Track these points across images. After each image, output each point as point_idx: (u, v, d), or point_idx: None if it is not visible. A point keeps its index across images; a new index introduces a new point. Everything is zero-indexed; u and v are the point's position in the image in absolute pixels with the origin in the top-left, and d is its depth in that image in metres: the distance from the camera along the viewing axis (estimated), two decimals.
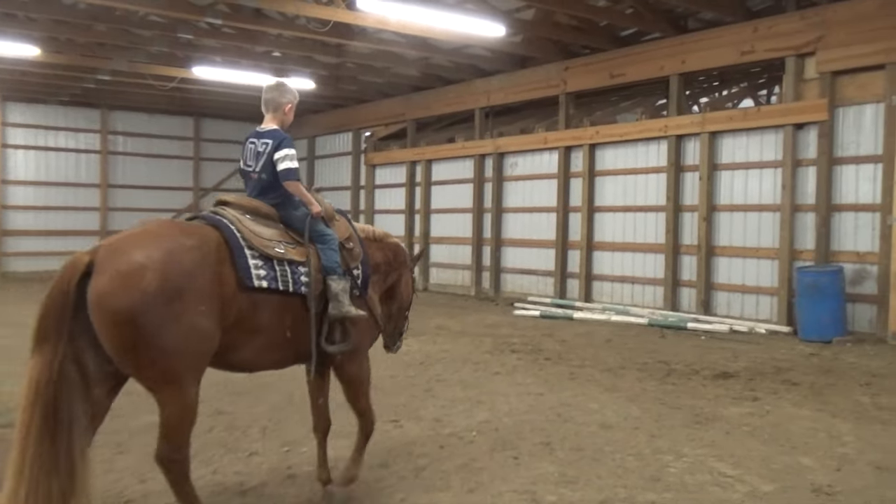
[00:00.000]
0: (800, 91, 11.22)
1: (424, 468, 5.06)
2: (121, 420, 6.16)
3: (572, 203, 14.73)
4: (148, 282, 3.36)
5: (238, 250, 3.82)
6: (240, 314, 3.78)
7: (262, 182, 4.29)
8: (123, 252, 3.44)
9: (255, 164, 4.31)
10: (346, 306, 4.17)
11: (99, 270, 3.36)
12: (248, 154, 4.35)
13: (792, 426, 6.15)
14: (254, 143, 4.35)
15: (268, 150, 4.25)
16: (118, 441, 5.59)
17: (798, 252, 11.21)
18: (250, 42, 14.68)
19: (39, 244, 20.48)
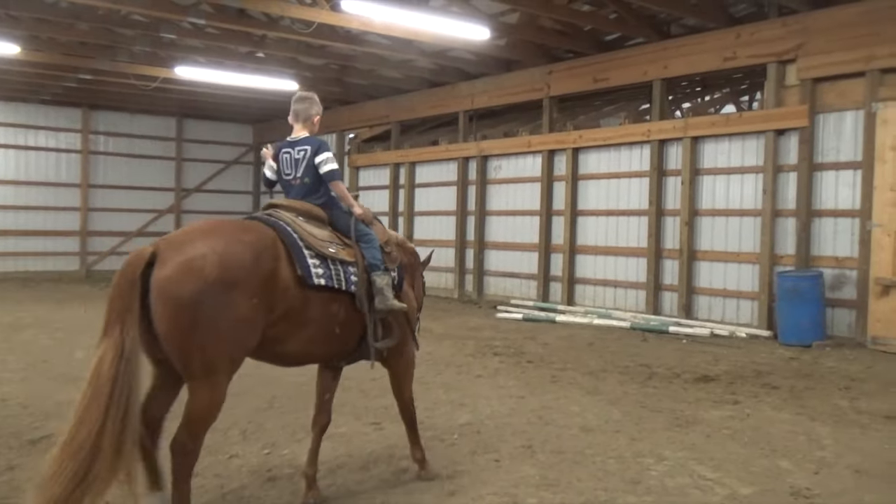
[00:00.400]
0: (781, 97, 11.31)
1: (406, 471, 5.04)
2: None
3: (555, 206, 14.76)
4: (208, 272, 3.60)
5: (297, 250, 4.08)
6: (289, 309, 3.99)
7: (305, 186, 4.58)
8: (186, 244, 3.70)
9: (294, 172, 4.60)
10: (391, 300, 4.46)
11: (162, 261, 3.62)
12: (286, 163, 4.63)
13: (771, 429, 6.18)
14: (289, 153, 4.63)
15: (307, 157, 4.55)
16: None
17: (778, 257, 11.29)
18: (234, 42, 14.61)
19: (19, 244, 20.28)
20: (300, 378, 7.88)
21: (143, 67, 15.98)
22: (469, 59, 15.39)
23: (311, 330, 4.18)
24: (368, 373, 8.10)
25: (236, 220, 4.21)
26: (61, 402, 6.75)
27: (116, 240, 21.68)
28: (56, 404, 6.66)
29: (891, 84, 10.05)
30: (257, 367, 8.46)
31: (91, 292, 17.11)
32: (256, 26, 13.53)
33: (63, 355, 9.08)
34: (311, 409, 5.07)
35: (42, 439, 5.59)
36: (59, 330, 11.11)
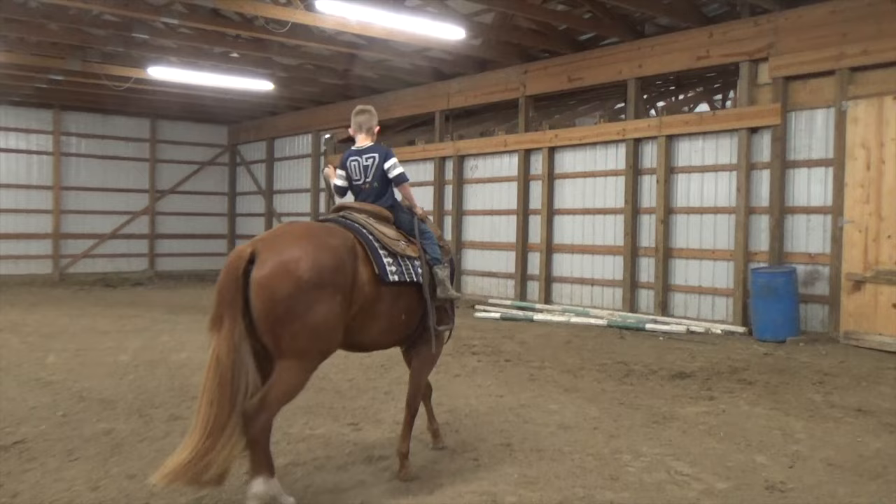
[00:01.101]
0: (754, 96, 11.42)
1: (384, 471, 5.02)
2: (71, 427, 6.04)
3: (532, 206, 14.81)
4: (301, 273, 4.09)
5: (374, 251, 4.59)
6: (365, 303, 4.48)
7: (374, 190, 5.08)
8: (281, 247, 4.19)
9: (363, 177, 5.10)
10: (451, 290, 5.05)
11: (261, 261, 4.11)
12: (355, 170, 5.13)
13: (747, 424, 6.24)
14: (357, 161, 5.13)
15: (376, 163, 5.05)
16: (69, 448, 5.45)
17: (752, 254, 11.41)
18: (207, 43, 14.49)
19: None
20: None
21: (115, 68, 15.80)
22: (445, 58, 15.39)
23: (383, 320, 4.67)
24: (345, 374, 8.11)
25: (319, 223, 4.72)
26: (34, 406, 6.67)
27: (90, 242, 21.41)
28: (29, 409, 6.57)
29: (860, 82, 10.20)
30: None
31: (64, 295, 16.89)
32: (230, 26, 13.43)
33: (35, 360, 8.94)
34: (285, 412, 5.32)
35: (14, 445, 5.50)
36: (31, 334, 10.95)
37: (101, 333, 11.09)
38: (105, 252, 21.73)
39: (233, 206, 24.38)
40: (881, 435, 5.95)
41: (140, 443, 5.62)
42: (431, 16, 12.06)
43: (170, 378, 7.94)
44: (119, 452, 5.38)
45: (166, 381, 7.77)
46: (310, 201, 20.60)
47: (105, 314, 13.37)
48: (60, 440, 5.67)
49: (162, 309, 14.31)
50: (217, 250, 24.02)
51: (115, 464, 5.13)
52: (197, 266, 23.13)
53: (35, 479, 4.85)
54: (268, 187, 22.63)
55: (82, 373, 8.18)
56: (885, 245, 9.89)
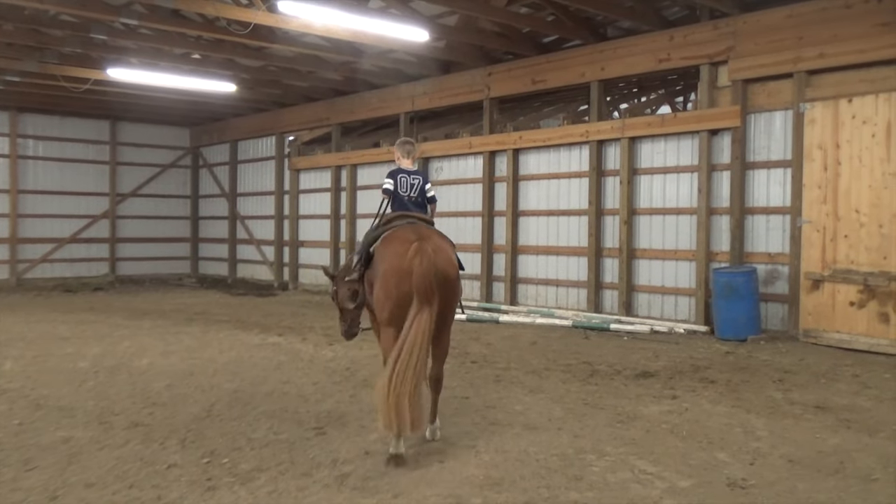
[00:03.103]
0: (714, 98, 11.59)
1: (349, 475, 4.99)
2: (28, 435, 5.91)
3: (497, 207, 14.85)
4: (455, 264, 5.83)
5: (454, 248, 6.03)
6: None
7: (415, 202, 6.39)
8: (441, 247, 5.68)
9: (409, 191, 6.36)
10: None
11: (438, 258, 5.45)
12: (404, 184, 6.35)
13: (709, 422, 6.32)
14: (406, 178, 6.39)
15: (420, 184, 6.40)
16: (26, 458, 5.33)
17: (714, 254, 11.57)
18: (168, 44, 14.30)
19: None
20: (238, 385, 7.78)
21: (73, 69, 15.51)
22: (409, 60, 15.37)
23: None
24: (309, 378, 8.06)
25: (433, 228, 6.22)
26: None
27: (48, 247, 20.98)
28: None
29: (817, 85, 10.40)
30: (191, 374, 8.35)
31: (22, 301, 16.53)
32: (191, 27, 13.28)
33: None
34: (248, 418, 6.20)
35: None
36: None
37: (60, 339, 10.87)
38: (64, 257, 21.31)
39: (195, 210, 24.07)
40: (839, 431, 6.07)
41: (100, 451, 5.51)
42: (395, 18, 12.05)
43: (131, 384, 7.81)
44: (78, 461, 5.28)
45: (127, 388, 7.64)
46: (274, 204, 20.42)
47: (64, 320, 13.11)
48: (17, 449, 5.54)
49: (123, 314, 14.07)
50: (179, 254, 23.72)
51: (74, 472, 5.03)
52: (159, 270, 22.82)
53: None
54: (231, 190, 22.39)
55: (40, 380, 8.01)
56: (842, 244, 10.10)
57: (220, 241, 22.81)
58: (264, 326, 12.21)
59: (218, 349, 10.09)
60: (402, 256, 5.41)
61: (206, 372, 8.48)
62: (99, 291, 19.08)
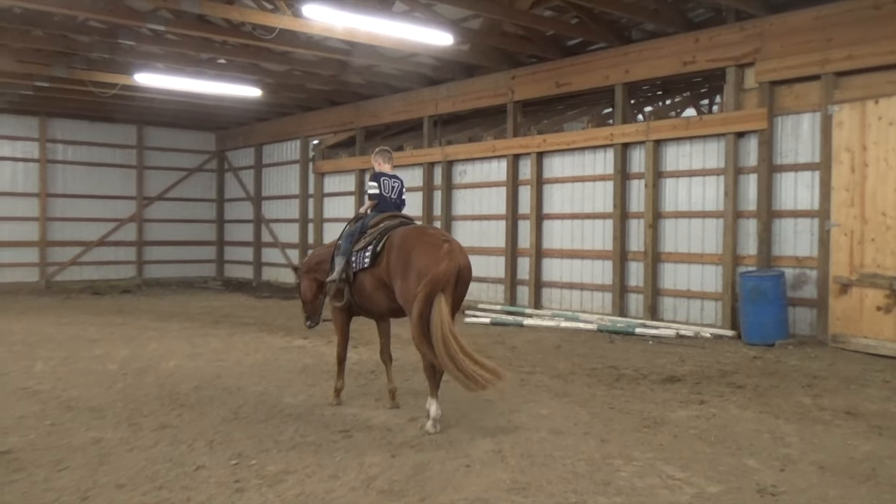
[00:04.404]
0: (740, 100, 11.49)
1: (375, 478, 5.00)
2: (59, 436, 5.99)
3: (521, 210, 14.83)
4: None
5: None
6: None
7: (398, 204, 7.20)
8: (460, 247, 6.36)
9: (391, 193, 7.15)
10: None
11: (461, 255, 6.26)
12: (387, 187, 7.11)
13: (737, 428, 6.26)
14: (388, 181, 7.16)
15: (400, 187, 7.23)
16: (57, 458, 5.40)
17: (741, 257, 11.46)
18: (194, 49, 14.45)
19: None
20: (264, 387, 7.83)
21: (101, 74, 15.71)
22: (433, 64, 15.41)
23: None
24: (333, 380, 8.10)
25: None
26: (22, 416, 6.62)
27: (77, 250, 21.27)
28: (16, 419, 6.51)
29: (845, 87, 10.28)
30: (218, 376, 8.42)
31: (51, 304, 16.77)
32: (217, 32, 13.41)
33: (22, 368, 8.87)
34: (275, 420, 6.43)
35: (2, 455, 5.45)
36: (17, 343, 10.85)
37: (89, 342, 11.01)
38: (92, 259, 21.59)
39: (221, 213, 24.27)
40: (871, 437, 5.99)
41: (129, 452, 5.57)
42: (419, 21, 12.07)
43: (159, 386, 7.89)
44: (108, 462, 5.34)
45: (155, 390, 7.72)
46: (298, 207, 20.53)
47: (93, 322, 13.28)
48: (48, 450, 5.62)
49: (150, 317, 14.23)
50: (205, 257, 23.92)
51: (105, 473, 5.09)
52: (185, 273, 23.03)
53: (23, 489, 4.80)
54: (256, 193, 22.55)
55: (70, 381, 8.12)
56: (869, 248, 9.96)
57: (245, 244, 22.98)
58: (289, 329, 12.28)
59: (244, 352, 10.16)
60: (438, 255, 6.11)
61: (233, 374, 8.55)
62: (126, 294, 19.31)
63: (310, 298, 7.76)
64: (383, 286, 6.62)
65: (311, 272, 7.71)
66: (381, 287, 6.66)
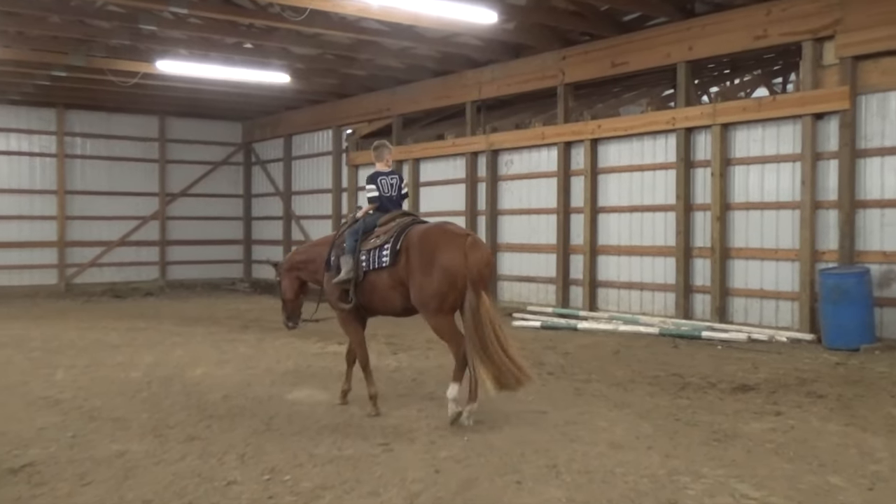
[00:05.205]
0: (818, 78, 11.27)
1: (419, 494, 5.02)
2: (82, 448, 6.12)
3: (573, 204, 14.76)
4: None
5: None
6: None
7: (398, 201, 7.53)
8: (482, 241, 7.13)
9: (390, 191, 7.47)
10: None
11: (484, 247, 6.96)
12: (385, 186, 7.45)
13: (819, 442, 6.15)
14: (385, 179, 7.49)
15: (398, 183, 7.55)
16: (81, 471, 5.53)
17: (820, 253, 11.25)
18: (219, 33, 14.67)
19: None
20: (297, 396, 7.91)
21: (121, 62, 16.03)
22: (475, 45, 15.40)
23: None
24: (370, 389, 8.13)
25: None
26: (43, 427, 6.78)
27: (97, 250, 21.75)
28: (37, 430, 6.68)
29: None
30: (248, 385, 8.52)
31: (71, 307, 17.17)
32: (243, 15, 13.59)
33: (42, 376, 9.10)
34: (310, 432, 6.50)
35: (23, 468, 5.59)
36: (36, 349, 11.14)
37: (112, 348, 11.25)
38: (113, 260, 22.06)
39: (248, 210, 24.60)
40: None
41: (156, 465, 5.68)
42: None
43: (185, 396, 8.03)
44: (134, 476, 5.45)
45: (182, 399, 7.86)
46: (331, 203, 20.69)
47: (114, 327, 13.58)
48: (71, 463, 5.76)
49: (174, 321, 14.49)
50: (231, 257, 24.23)
51: (130, 488, 5.19)
52: (210, 274, 23.36)
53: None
54: (286, 188, 22.81)
55: (92, 390, 8.31)
56: None
57: (274, 243, 23.20)
58: (323, 334, 12.36)
59: (275, 358, 10.29)
60: (462, 251, 6.59)
61: (264, 382, 8.66)
62: (149, 297, 19.72)
63: (290, 297, 8.12)
64: (400, 285, 6.94)
65: (293, 270, 8.10)
66: (397, 286, 6.95)
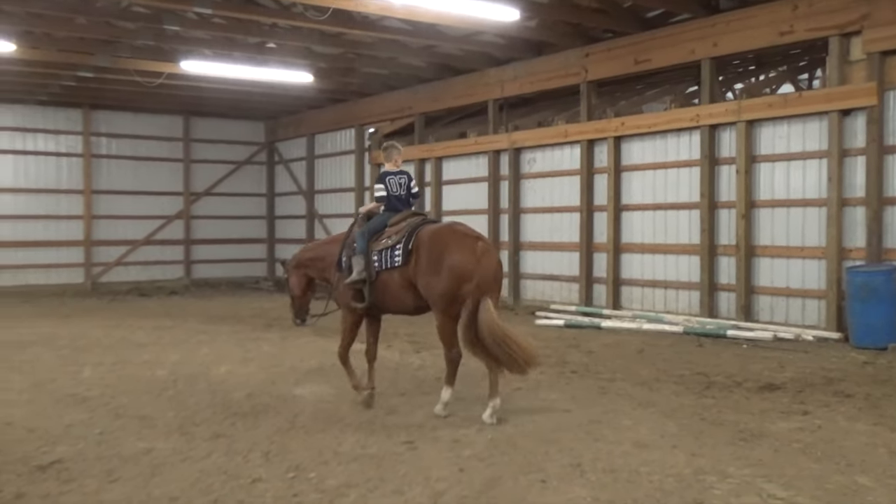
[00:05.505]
0: (845, 74, 11.14)
1: (443, 493, 5.03)
2: (109, 445, 6.19)
3: (597, 202, 14.70)
4: None
5: None
6: None
7: (407, 200, 7.62)
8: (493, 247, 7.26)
9: (399, 190, 7.56)
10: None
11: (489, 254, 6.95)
12: (394, 185, 7.53)
13: (847, 442, 6.09)
14: (394, 178, 7.57)
15: (407, 182, 7.62)
16: (108, 468, 5.58)
17: (847, 251, 11.13)
18: (242, 33, 14.75)
19: (19, 256, 20.63)
20: (321, 395, 7.95)
21: (146, 63, 16.18)
22: (497, 42, 15.38)
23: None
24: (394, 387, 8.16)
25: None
26: (71, 424, 6.86)
27: (122, 249, 21.97)
28: (65, 427, 6.75)
29: None
30: (272, 383, 8.57)
31: (97, 306, 17.35)
32: (266, 14, 13.66)
33: (70, 374, 9.20)
34: (334, 430, 6.54)
35: (52, 465, 5.66)
36: (64, 347, 11.27)
37: (138, 346, 11.36)
38: (138, 259, 22.27)
39: (271, 208, 24.73)
40: None
41: (182, 463, 5.73)
42: None
43: (210, 394, 8.09)
44: (160, 473, 5.50)
45: (207, 397, 7.92)
46: (354, 201, 20.74)
47: (140, 325, 13.70)
48: (99, 460, 5.82)
49: (199, 319, 14.60)
50: (255, 256, 24.37)
51: (157, 485, 5.24)
52: (234, 273, 23.51)
53: (73, 501, 4.98)
54: (309, 187, 22.90)
55: (119, 388, 8.39)
56: None
57: (297, 241, 23.20)
58: None
59: (298, 357, 10.34)
60: (474, 254, 6.74)
61: (288, 381, 8.71)
62: (174, 295, 19.87)
63: (298, 295, 8.25)
64: (412, 285, 7.03)
65: (301, 267, 8.21)
66: (409, 286, 7.06)
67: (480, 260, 6.73)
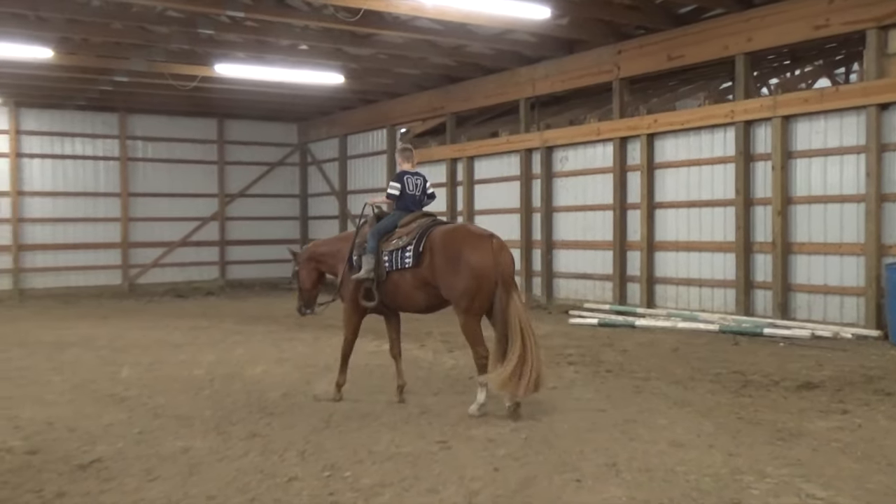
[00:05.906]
0: (883, 67, 10.96)
1: (478, 493, 5.03)
2: (148, 445, 6.28)
3: (630, 199, 14.61)
4: None
5: None
6: None
7: (422, 200, 7.82)
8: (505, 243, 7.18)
9: (415, 190, 7.73)
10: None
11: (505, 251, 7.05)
12: (410, 185, 7.70)
13: (887, 441, 6.00)
14: (410, 178, 7.74)
15: (423, 183, 7.81)
16: (147, 467, 5.66)
17: (887, 247, 10.95)
18: (275, 35, 14.85)
19: (58, 259, 20.99)
20: (355, 394, 7.99)
21: (180, 66, 16.39)
22: (528, 41, 15.33)
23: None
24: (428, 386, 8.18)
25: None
26: (110, 423, 6.97)
27: (159, 251, 22.26)
28: (105, 427, 6.86)
29: None
30: (307, 383, 8.63)
31: (135, 307, 17.60)
32: (298, 17, 13.74)
33: (109, 374, 9.35)
34: (368, 429, 6.58)
35: (92, 464, 5.75)
36: (103, 348, 11.46)
37: (174, 346, 11.51)
38: (174, 261, 22.55)
39: (304, 209, 24.90)
40: None
41: (219, 462, 5.79)
42: None
43: (246, 393, 8.17)
44: (198, 472, 5.57)
45: (243, 397, 8.00)
46: None
47: (177, 326, 13.88)
48: (138, 459, 5.90)
49: (234, 320, 14.75)
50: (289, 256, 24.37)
51: (195, 484, 5.30)
52: (269, 274, 23.62)
53: (113, 500, 5.06)
54: (341, 188, 23.02)
55: (157, 388, 8.51)
56: None
57: None
58: (379, 332, 12.37)
59: (332, 357, 10.31)
60: (490, 252, 6.87)
61: (322, 381, 8.75)
62: (210, 296, 20.10)
63: (308, 287, 8.49)
64: (424, 285, 7.20)
65: (312, 261, 8.47)
66: (422, 286, 7.22)
67: (497, 257, 6.88)
